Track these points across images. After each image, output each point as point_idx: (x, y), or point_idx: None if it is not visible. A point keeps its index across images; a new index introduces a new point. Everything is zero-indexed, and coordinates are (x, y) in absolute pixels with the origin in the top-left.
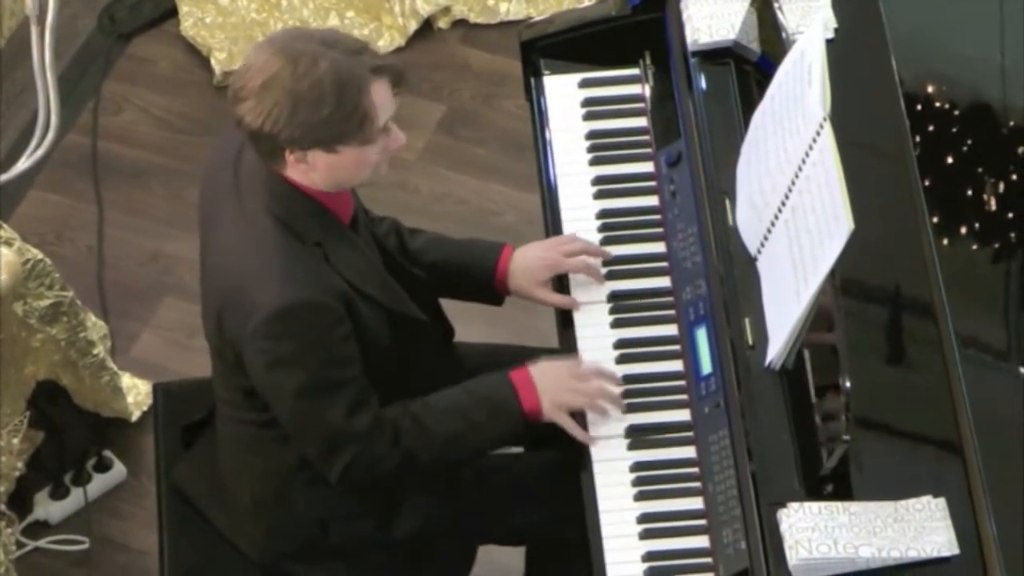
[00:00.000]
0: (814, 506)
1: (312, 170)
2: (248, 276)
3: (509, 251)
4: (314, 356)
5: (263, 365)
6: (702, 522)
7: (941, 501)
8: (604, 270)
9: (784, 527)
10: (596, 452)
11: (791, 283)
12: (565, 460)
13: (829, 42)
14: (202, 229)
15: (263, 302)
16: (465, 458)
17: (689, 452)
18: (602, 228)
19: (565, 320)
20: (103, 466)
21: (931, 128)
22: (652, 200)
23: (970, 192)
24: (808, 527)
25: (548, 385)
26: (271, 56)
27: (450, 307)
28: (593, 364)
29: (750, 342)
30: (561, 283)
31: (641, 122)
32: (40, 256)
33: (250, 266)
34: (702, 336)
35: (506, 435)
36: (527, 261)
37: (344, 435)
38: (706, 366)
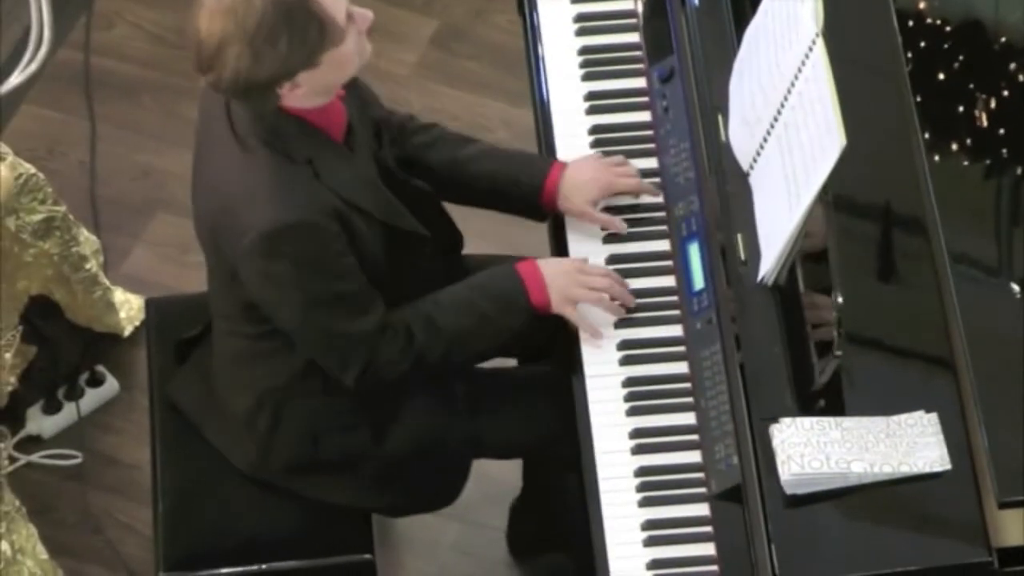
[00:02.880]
0: (806, 421)
1: (309, 92)
2: (240, 198)
3: (559, 168)
4: (309, 274)
5: (260, 284)
6: (694, 437)
7: (933, 416)
8: None
9: (776, 442)
10: (589, 368)
11: (783, 198)
12: (559, 375)
13: None
14: (197, 148)
15: (254, 224)
16: (471, 354)
17: (681, 368)
18: (594, 144)
19: (558, 235)
20: (96, 381)
21: (923, 44)
22: (645, 116)
23: (962, 108)
24: (800, 442)
25: (556, 278)
26: (210, 17)
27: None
28: (601, 266)
29: (742, 258)
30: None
31: (633, 38)
32: (33, 171)
33: (242, 188)
34: (694, 252)
35: (513, 327)
36: (578, 180)
37: (352, 342)
38: (698, 282)
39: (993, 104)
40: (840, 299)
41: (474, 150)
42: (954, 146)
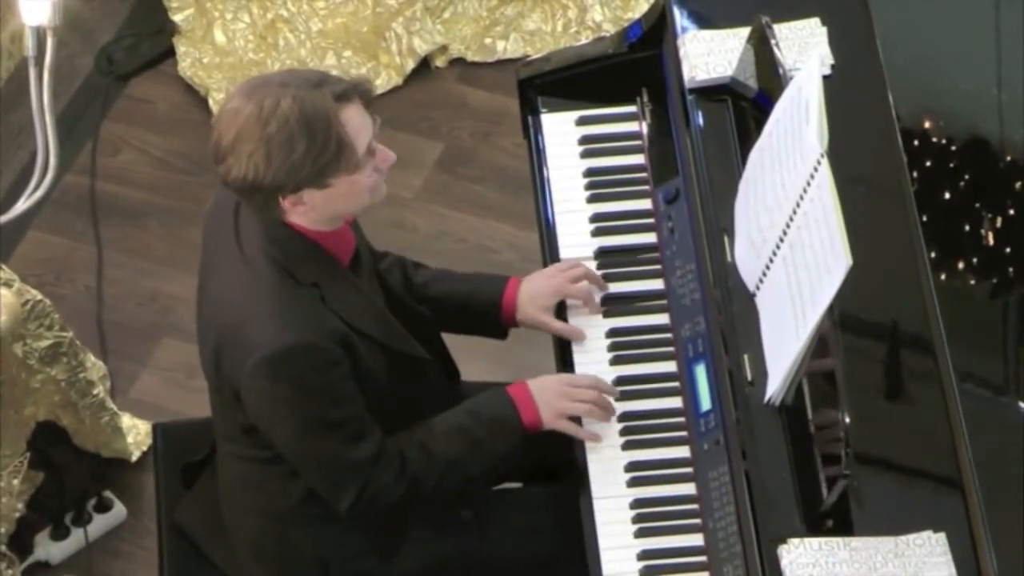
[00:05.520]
0: (814, 542)
1: (311, 210)
2: (245, 318)
3: (515, 282)
4: (311, 397)
5: (261, 405)
6: (703, 559)
7: (941, 536)
8: (603, 308)
9: (785, 563)
10: (596, 489)
11: (790, 319)
12: (565, 495)
13: (826, 78)
14: (202, 268)
15: (259, 344)
16: (466, 480)
17: (689, 489)
18: (601, 266)
19: (565, 357)
20: (103, 506)
21: (928, 163)
22: (650, 237)
23: (968, 227)
24: (809, 563)
25: (544, 394)
26: (236, 109)
27: (452, 345)
28: (588, 375)
29: (749, 378)
30: (560, 317)
31: (639, 159)
32: (39, 297)
33: (247, 308)
34: (701, 372)
35: (507, 451)
36: (534, 289)
37: (347, 469)
38: (705, 402)
39: (999, 222)
40: (847, 419)
41: (429, 274)
42: (960, 265)
